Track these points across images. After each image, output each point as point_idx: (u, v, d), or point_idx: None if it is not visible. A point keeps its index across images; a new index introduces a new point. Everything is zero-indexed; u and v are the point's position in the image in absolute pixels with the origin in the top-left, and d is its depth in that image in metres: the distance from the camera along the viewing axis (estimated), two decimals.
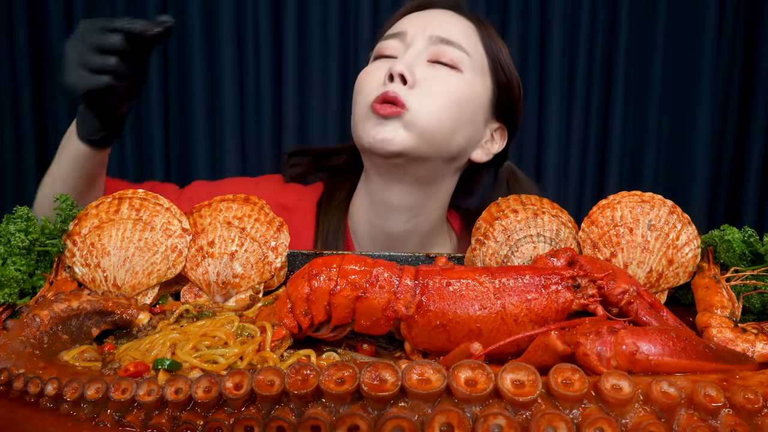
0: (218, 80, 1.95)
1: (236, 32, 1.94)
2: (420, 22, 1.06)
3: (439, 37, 1.02)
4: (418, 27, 1.04)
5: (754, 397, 0.51)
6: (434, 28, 1.03)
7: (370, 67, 1.07)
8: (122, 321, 0.78)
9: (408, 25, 1.06)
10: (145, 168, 2.01)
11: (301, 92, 1.96)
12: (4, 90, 1.97)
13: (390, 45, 1.05)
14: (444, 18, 1.07)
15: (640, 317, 0.72)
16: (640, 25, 1.96)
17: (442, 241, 1.18)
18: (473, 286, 0.69)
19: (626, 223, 0.85)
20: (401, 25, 1.07)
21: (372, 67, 1.06)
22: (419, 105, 0.98)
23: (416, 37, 1.03)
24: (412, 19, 1.08)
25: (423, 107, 0.99)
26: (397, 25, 1.08)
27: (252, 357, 0.67)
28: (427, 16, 1.08)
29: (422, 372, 0.52)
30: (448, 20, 1.06)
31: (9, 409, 0.58)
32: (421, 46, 1.02)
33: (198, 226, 0.89)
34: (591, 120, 2.00)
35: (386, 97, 0.98)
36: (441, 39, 1.02)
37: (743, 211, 2.02)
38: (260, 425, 0.52)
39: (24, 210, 0.84)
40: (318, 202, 1.21)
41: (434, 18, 1.06)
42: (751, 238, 0.85)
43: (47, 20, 1.96)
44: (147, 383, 0.56)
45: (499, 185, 1.21)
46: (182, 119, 2.00)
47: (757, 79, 1.96)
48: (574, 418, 0.50)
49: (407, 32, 1.04)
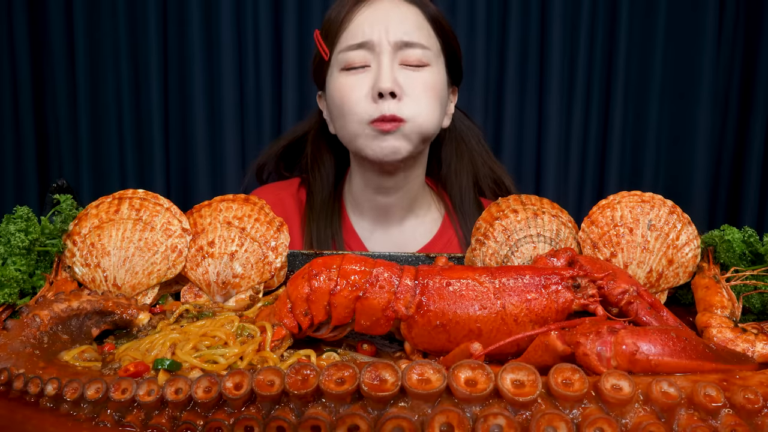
0: (218, 82, 1.95)
1: (236, 33, 1.94)
2: (378, 23, 1.09)
3: (403, 42, 1.09)
4: (381, 33, 1.09)
5: (754, 397, 0.51)
6: (395, 33, 1.09)
7: (347, 81, 1.11)
8: (122, 321, 0.78)
9: (369, 30, 1.09)
10: (145, 170, 2.01)
11: (301, 92, 1.96)
12: (4, 90, 1.97)
13: (359, 56, 1.10)
14: (398, 13, 1.11)
15: (640, 317, 0.72)
16: (640, 25, 1.96)
17: (424, 195, 1.30)
18: (473, 286, 0.69)
19: (626, 223, 0.85)
20: (360, 27, 1.10)
21: (349, 81, 1.11)
22: (411, 113, 1.08)
23: (382, 45, 1.09)
24: (367, 17, 1.11)
25: (415, 114, 1.09)
26: (355, 30, 1.11)
27: (252, 357, 0.67)
28: (381, 12, 1.11)
29: (422, 372, 0.52)
30: (402, 16, 1.11)
31: (9, 409, 0.58)
32: (390, 55, 1.09)
33: (198, 226, 0.89)
34: (591, 120, 2.00)
35: (385, 117, 1.07)
36: (405, 43, 1.09)
37: (743, 211, 2.02)
38: (260, 425, 0.52)
39: (24, 210, 0.84)
40: (308, 200, 1.28)
41: (390, 15, 1.10)
42: (751, 238, 0.85)
43: (47, 20, 1.96)
44: (147, 383, 0.56)
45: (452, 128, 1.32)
46: (182, 121, 1.99)
47: (757, 78, 1.96)
48: (574, 418, 0.50)
49: (372, 41, 1.09)
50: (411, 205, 1.26)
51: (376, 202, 1.24)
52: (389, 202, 1.23)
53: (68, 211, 0.88)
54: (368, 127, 1.09)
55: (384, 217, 1.25)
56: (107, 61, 1.95)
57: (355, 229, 1.27)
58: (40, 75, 2.00)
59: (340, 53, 1.12)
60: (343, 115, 1.12)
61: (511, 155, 2.01)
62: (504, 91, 1.98)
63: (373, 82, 1.08)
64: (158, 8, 1.91)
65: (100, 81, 1.96)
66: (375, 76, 1.08)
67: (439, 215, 1.31)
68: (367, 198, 1.24)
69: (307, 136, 1.33)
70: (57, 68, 1.97)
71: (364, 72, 1.10)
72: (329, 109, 1.19)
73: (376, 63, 1.09)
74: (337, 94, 1.12)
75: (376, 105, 1.07)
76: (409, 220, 1.27)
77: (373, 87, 1.07)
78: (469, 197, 1.29)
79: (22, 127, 1.99)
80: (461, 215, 1.28)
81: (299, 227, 1.25)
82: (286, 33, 1.93)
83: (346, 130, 1.13)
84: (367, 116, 1.08)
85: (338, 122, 1.15)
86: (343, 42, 1.12)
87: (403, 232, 1.27)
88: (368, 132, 1.09)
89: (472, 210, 1.28)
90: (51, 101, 2.01)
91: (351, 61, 1.10)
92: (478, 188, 1.32)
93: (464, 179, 1.29)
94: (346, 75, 1.11)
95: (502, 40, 1.96)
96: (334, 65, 1.14)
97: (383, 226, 1.26)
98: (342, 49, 1.12)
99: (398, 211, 1.25)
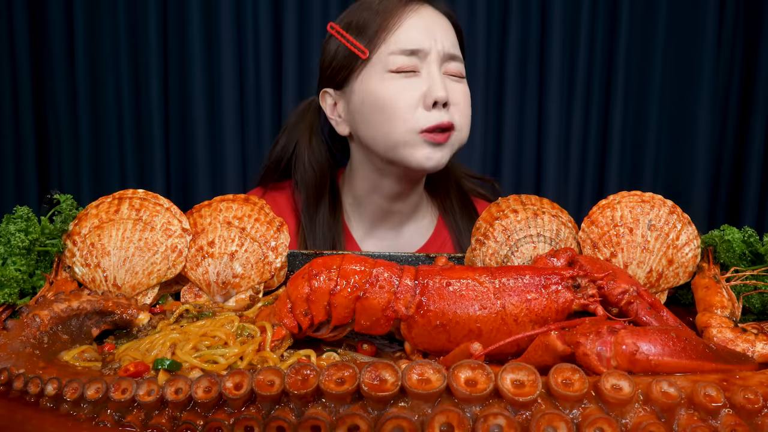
0: (218, 82, 1.95)
1: (236, 33, 1.94)
2: (429, 32, 1.10)
3: (449, 54, 1.11)
4: (432, 42, 1.09)
5: (754, 397, 0.51)
6: (444, 44, 1.11)
7: (397, 85, 1.08)
8: (122, 321, 0.78)
9: (421, 37, 1.09)
10: (145, 170, 2.01)
11: (301, 93, 1.96)
12: (4, 90, 1.97)
13: (411, 62, 1.09)
14: (442, 25, 1.14)
15: (640, 317, 0.72)
16: (640, 25, 1.96)
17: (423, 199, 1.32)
18: (473, 286, 0.69)
19: (626, 223, 0.85)
20: (411, 33, 1.09)
21: (400, 85, 1.08)
22: (460, 123, 1.11)
23: (432, 54, 1.09)
24: (417, 24, 1.11)
25: (462, 124, 1.12)
26: (406, 35, 1.09)
27: (252, 357, 0.67)
28: (428, 22, 1.12)
29: (422, 372, 0.52)
30: (446, 28, 1.14)
31: (9, 409, 0.58)
32: (438, 65, 1.10)
33: (198, 226, 0.89)
34: (591, 120, 2.00)
35: (442, 125, 1.07)
36: (450, 56, 1.12)
37: (743, 211, 2.02)
38: (260, 425, 0.52)
39: (24, 210, 0.84)
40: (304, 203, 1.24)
41: (437, 26, 1.12)
42: (751, 238, 0.85)
43: (47, 20, 1.96)
44: (147, 383, 0.56)
45: None
46: (182, 121, 1.99)
47: (757, 78, 1.96)
48: (574, 418, 0.50)
49: (424, 49, 1.09)
50: (413, 211, 1.27)
51: (380, 207, 1.23)
52: (395, 207, 1.23)
53: (68, 211, 0.88)
54: (418, 136, 1.07)
55: (384, 221, 1.25)
56: (107, 61, 1.94)
57: (351, 232, 1.26)
58: (40, 75, 2.00)
59: (390, 56, 1.09)
60: (389, 120, 1.08)
61: (511, 155, 2.01)
62: (504, 91, 1.98)
63: (427, 90, 1.06)
64: (158, 8, 1.90)
65: (100, 81, 1.96)
66: (428, 84, 1.07)
67: (433, 218, 1.32)
68: (372, 201, 1.23)
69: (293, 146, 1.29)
70: (57, 68, 1.97)
71: (414, 77, 1.08)
72: (360, 111, 1.13)
73: (426, 71, 1.08)
74: (385, 96, 1.08)
75: (429, 113, 1.06)
76: (407, 225, 1.28)
77: (427, 95, 1.06)
78: (454, 191, 1.31)
79: (22, 127, 1.99)
80: (450, 212, 1.30)
81: (294, 229, 1.24)
82: (286, 33, 1.92)
83: (389, 135, 1.09)
84: (421, 124, 1.06)
85: (377, 126, 1.10)
86: (392, 45, 1.09)
87: (400, 234, 1.27)
88: (418, 140, 1.07)
89: (458, 205, 1.30)
90: (51, 101, 2.01)
91: (402, 64, 1.08)
92: (456, 181, 1.33)
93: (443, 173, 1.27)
94: (395, 78, 1.08)
95: (502, 40, 1.96)
96: (377, 65, 1.10)
97: (381, 229, 1.26)
98: (392, 52, 1.09)
99: (400, 216, 1.26)
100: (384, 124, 1.08)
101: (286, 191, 1.30)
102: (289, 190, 1.30)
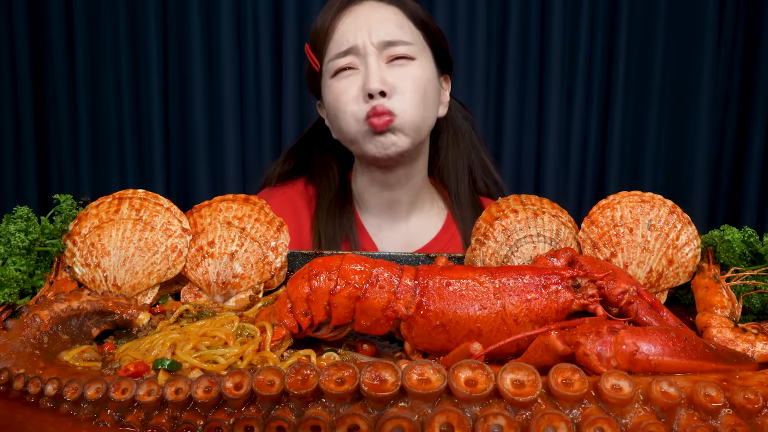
0: (218, 82, 1.95)
1: (236, 33, 1.94)
2: (361, 28, 1.14)
3: (386, 42, 1.14)
4: (363, 36, 1.13)
5: (754, 397, 0.51)
6: (378, 34, 1.13)
7: (339, 85, 1.15)
8: (122, 321, 0.78)
9: (352, 35, 1.14)
10: (145, 170, 2.01)
11: (302, 93, 1.96)
12: (4, 90, 1.97)
13: (347, 61, 1.15)
14: (378, 16, 1.16)
15: (640, 317, 0.72)
16: (640, 25, 1.96)
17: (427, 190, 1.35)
18: (473, 286, 0.69)
19: (626, 223, 0.85)
20: (344, 36, 1.15)
21: (341, 85, 1.15)
22: (401, 107, 1.12)
23: (366, 47, 1.13)
24: (350, 24, 1.15)
25: (405, 108, 1.12)
26: (340, 39, 1.15)
27: (252, 357, 0.67)
28: (362, 18, 1.15)
29: (422, 372, 0.52)
30: (382, 17, 1.16)
31: (9, 409, 0.58)
32: (375, 55, 1.13)
33: (198, 226, 0.89)
34: (591, 120, 2.00)
35: (376, 111, 1.10)
36: (388, 43, 1.14)
37: (743, 211, 2.02)
38: (260, 425, 0.52)
39: (24, 210, 0.84)
40: (318, 200, 1.31)
41: (370, 18, 1.15)
42: (751, 238, 0.85)
43: (47, 20, 1.96)
44: (147, 383, 0.56)
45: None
46: (182, 121, 2.00)
47: (757, 78, 1.96)
48: (574, 418, 0.50)
49: (357, 46, 1.13)
50: (415, 200, 1.30)
51: (382, 198, 1.28)
52: (395, 197, 1.27)
53: (68, 211, 0.88)
54: (364, 125, 1.13)
55: (390, 213, 1.29)
56: (107, 61, 1.95)
57: (365, 226, 1.30)
58: (40, 75, 2.00)
59: (330, 62, 1.17)
60: (339, 117, 1.16)
61: (511, 155, 2.01)
62: (504, 90, 1.98)
63: (363, 83, 1.12)
64: (158, 8, 1.91)
65: (100, 81, 1.96)
66: (364, 77, 1.12)
67: (442, 209, 1.35)
68: (373, 194, 1.28)
69: (308, 137, 1.37)
70: (57, 68, 1.97)
71: (354, 74, 1.15)
72: (327, 115, 1.24)
73: (363, 66, 1.14)
74: (331, 98, 1.17)
75: (367, 104, 1.12)
76: (415, 215, 1.31)
77: (363, 88, 1.12)
78: (465, 187, 1.34)
79: (22, 127, 1.99)
80: (458, 205, 1.32)
81: (309, 224, 1.29)
82: (286, 33, 1.93)
83: (344, 131, 1.17)
84: (361, 114, 1.12)
85: (336, 125, 1.20)
86: (330, 51, 1.17)
87: (409, 226, 1.30)
88: (365, 129, 1.13)
89: (467, 200, 1.33)
90: (51, 101, 2.01)
91: (339, 66, 1.15)
92: (472, 178, 1.37)
93: (460, 167, 1.34)
94: (337, 80, 1.16)
95: (502, 40, 1.96)
96: (325, 74, 1.19)
97: (390, 221, 1.30)
98: (330, 58, 1.17)
99: (404, 206, 1.29)
100: (340, 123, 1.17)
101: (297, 186, 1.36)
102: (300, 185, 1.36)
